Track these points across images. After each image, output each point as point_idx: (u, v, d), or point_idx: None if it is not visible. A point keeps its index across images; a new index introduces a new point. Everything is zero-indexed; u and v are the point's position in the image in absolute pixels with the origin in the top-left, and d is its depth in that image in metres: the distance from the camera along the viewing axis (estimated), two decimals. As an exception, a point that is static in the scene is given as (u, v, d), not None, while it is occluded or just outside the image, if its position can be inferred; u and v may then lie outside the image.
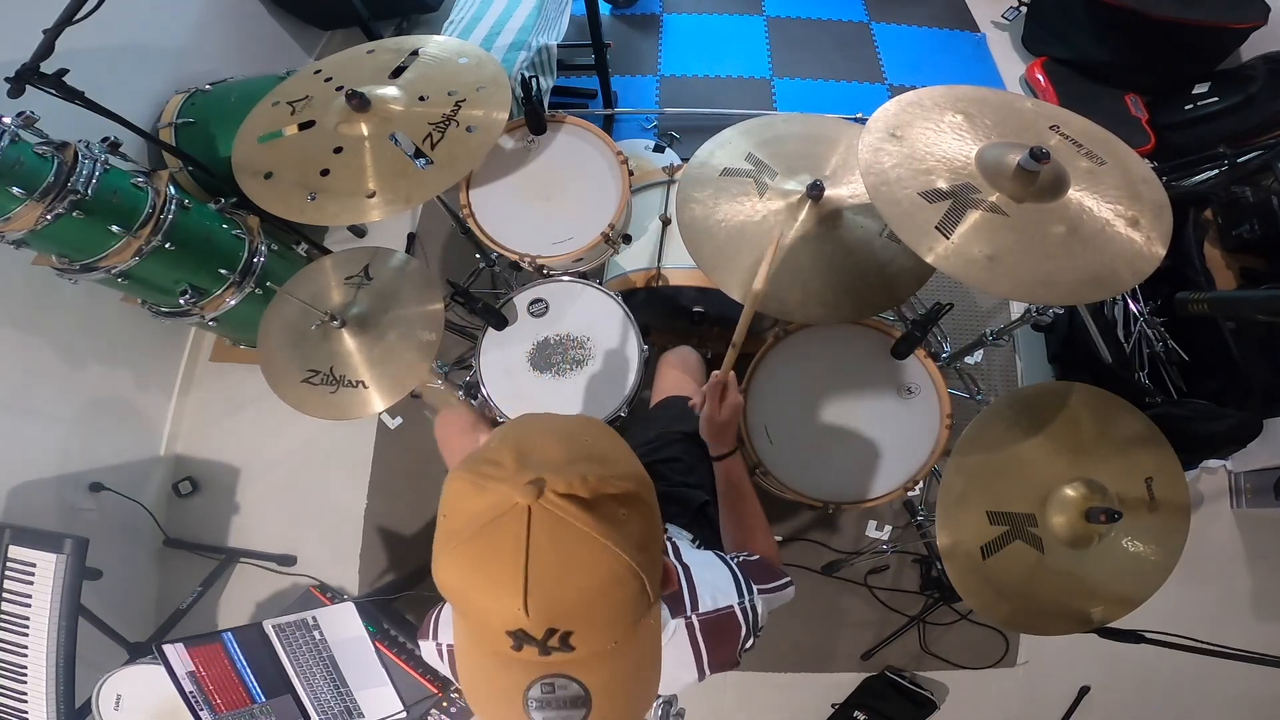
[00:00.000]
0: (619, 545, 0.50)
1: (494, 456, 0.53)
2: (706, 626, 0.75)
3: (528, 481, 0.49)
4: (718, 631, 0.76)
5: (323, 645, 1.37)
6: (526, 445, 0.54)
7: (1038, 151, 0.97)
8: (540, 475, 0.50)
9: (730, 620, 0.77)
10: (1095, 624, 1.06)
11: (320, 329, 1.32)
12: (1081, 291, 0.98)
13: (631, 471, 0.56)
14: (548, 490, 0.49)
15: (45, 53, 1.20)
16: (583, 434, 0.57)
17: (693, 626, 0.75)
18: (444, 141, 1.28)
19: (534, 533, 0.48)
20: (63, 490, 1.76)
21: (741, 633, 0.77)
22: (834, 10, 2.93)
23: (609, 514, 0.51)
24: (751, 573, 0.83)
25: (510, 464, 0.51)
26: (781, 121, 1.39)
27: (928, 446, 1.32)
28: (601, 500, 0.51)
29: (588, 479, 0.50)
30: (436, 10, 2.71)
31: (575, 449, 0.54)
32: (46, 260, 1.49)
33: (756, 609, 0.79)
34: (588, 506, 0.50)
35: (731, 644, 0.77)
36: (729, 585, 0.79)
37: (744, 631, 0.77)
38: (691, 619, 0.75)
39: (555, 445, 0.54)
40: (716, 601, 0.77)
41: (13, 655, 1.38)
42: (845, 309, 1.21)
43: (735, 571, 0.82)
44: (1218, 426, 1.54)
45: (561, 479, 0.50)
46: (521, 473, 0.50)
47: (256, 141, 1.32)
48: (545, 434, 0.56)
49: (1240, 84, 2.20)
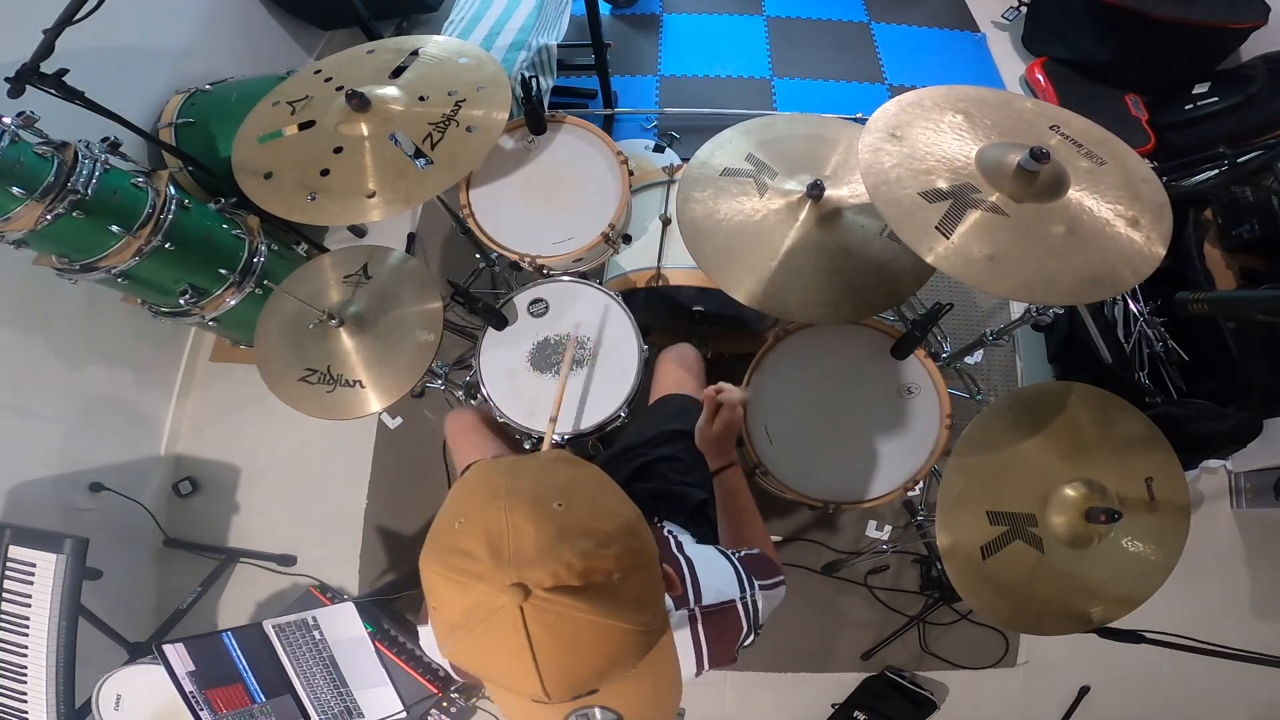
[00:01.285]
0: (620, 618, 0.49)
1: (464, 545, 0.50)
2: (708, 619, 0.75)
3: (511, 584, 0.47)
4: (719, 625, 0.76)
5: (323, 645, 1.37)
6: (495, 529, 0.50)
7: (1038, 151, 0.97)
8: (521, 575, 0.47)
9: (732, 614, 0.77)
10: (1095, 624, 1.06)
11: (318, 328, 1.32)
12: (1081, 291, 0.98)
13: (615, 528, 0.52)
14: (534, 590, 0.47)
15: (45, 53, 1.20)
16: (553, 498, 0.52)
17: (695, 618, 0.75)
18: (444, 141, 1.28)
19: (532, 630, 0.47)
20: (63, 490, 1.75)
21: (742, 629, 0.77)
22: (834, 10, 2.93)
23: (603, 589, 0.49)
24: (752, 567, 0.83)
25: (484, 557, 0.48)
26: (781, 121, 1.39)
27: (928, 446, 1.32)
28: (593, 580, 0.48)
29: (572, 564, 0.48)
30: (436, 10, 2.71)
31: (550, 526, 0.50)
32: (46, 260, 1.49)
33: (757, 604, 0.79)
34: (578, 592, 0.48)
35: (732, 639, 0.77)
36: (731, 579, 0.79)
37: (745, 628, 0.77)
38: (694, 610, 0.75)
39: (527, 525, 0.49)
40: (719, 595, 0.77)
41: (13, 655, 1.38)
42: (845, 309, 1.21)
43: (737, 567, 0.82)
44: (1218, 426, 1.54)
45: (545, 572, 0.47)
46: (499, 570, 0.47)
47: (257, 141, 1.32)
48: (509, 510, 0.50)
49: (1240, 84, 2.20)
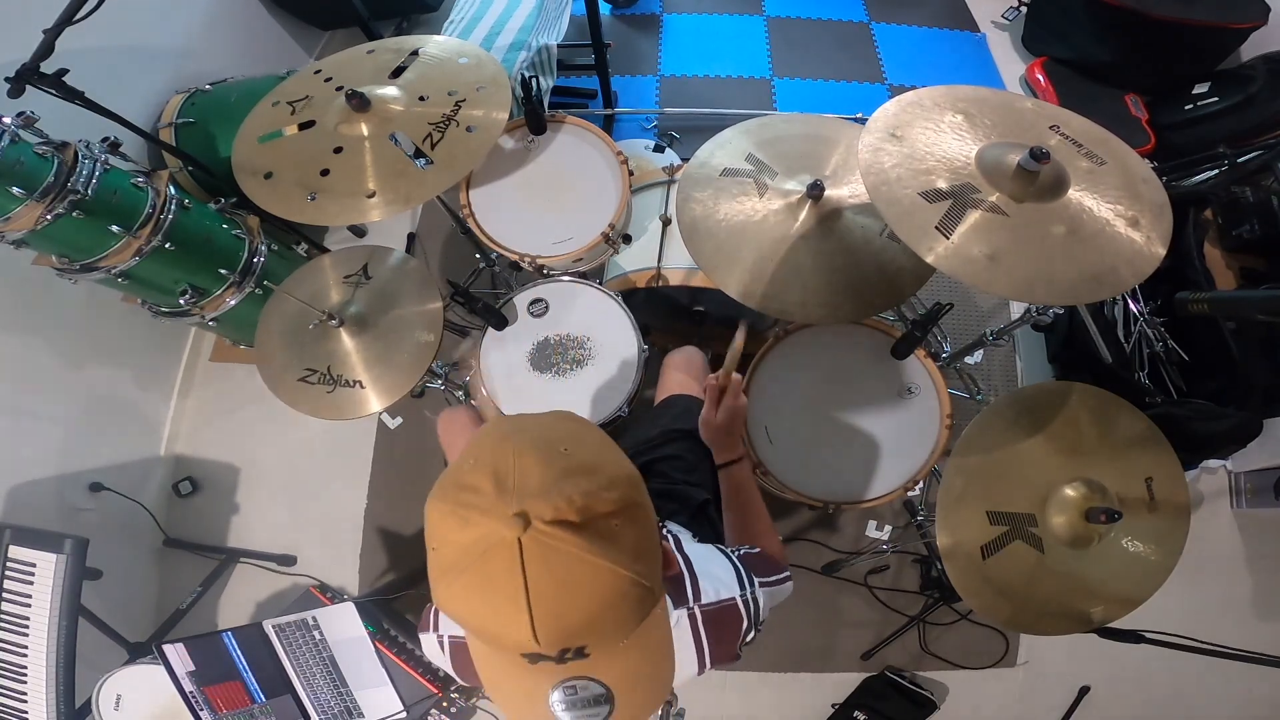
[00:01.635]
0: (616, 562, 0.49)
1: (470, 481, 0.51)
2: (708, 617, 0.75)
3: (513, 514, 0.48)
4: (719, 623, 0.76)
5: (323, 645, 1.37)
6: (503, 467, 0.51)
7: (1038, 151, 0.97)
8: (523, 505, 0.48)
9: (732, 612, 0.77)
10: (1095, 624, 1.06)
11: (318, 328, 1.32)
12: (1081, 291, 0.98)
13: (617, 475, 0.54)
14: (534, 520, 0.48)
15: (45, 53, 1.20)
16: (559, 442, 0.54)
17: (695, 617, 0.75)
18: (444, 141, 1.28)
19: (528, 565, 0.47)
20: (63, 490, 1.76)
21: (743, 625, 0.77)
22: (834, 10, 2.93)
23: (602, 530, 0.50)
24: (752, 565, 0.83)
25: (489, 490, 0.50)
26: (781, 122, 1.39)
27: (928, 446, 1.32)
28: (592, 519, 0.49)
29: (574, 500, 0.49)
30: (436, 10, 2.71)
31: (555, 465, 0.51)
32: (46, 260, 1.49)
33: (758, 601, 0.79)
34: (578, 529, 0.48)
35: (733, 636, 0.77)
36: (730, 577, 0.79)
37: (745, 624, 0.77)
38: (694, 609, 0.75)
39: (533, 464, 0.51)
40: (719, 593, 0.77)
41: (13, 655, 1.38)
42: (845, 309, 1.21)
43: (736, 564, 0.82)
44: (1218, 426, 1.54)
45: (547, 504, 0.48)
46: (503, 501, 0.49)
47: (257, 141, 1.32)
48: (521, 451, 0.52)
49: (1240, 84, 2.20)
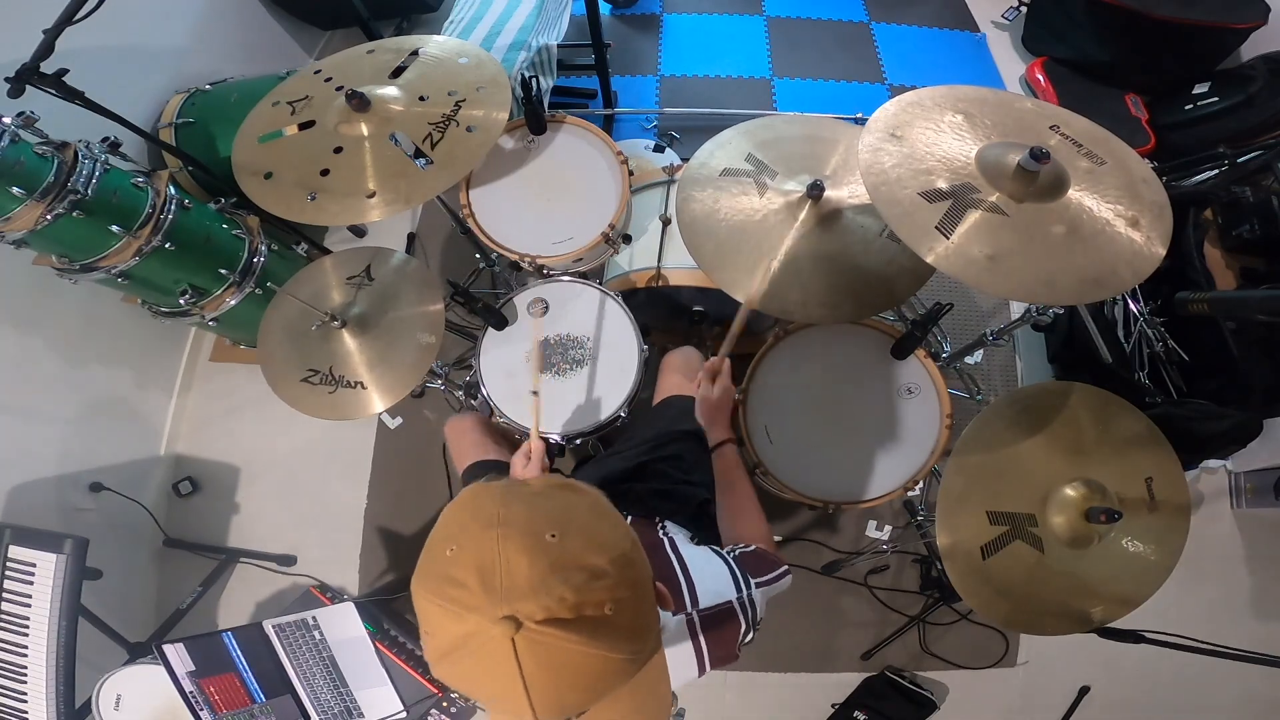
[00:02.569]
0: (612, 649, 0.49)
1: (456, 574, 0.49)
2: (706, 622, 0.75)
3: (502, 616, 0.46)
4: (717, 626, 0.76)
5: (323, 645, 1.37)
6: (487, 561, 0.49)
7: (1038, 151, 0.97)
8: (513, 608, 0.46)
9: (729, 615, 0.77)
10: (1095, 624, 1.06)
11: (320, 329, 1.32)
12: (1081, 291, 0.98)
13: (609, 558, 0.51)
14: (525, 622, 0.46)
15: (45, 53, 1.20)
16: (547, 527, 0.51)
17: (693, 622, 0.75)
18: (444, 141, 1.28)
19: (523, 659, 0.47)
20: (63, 490, 1.76)
21: (741, 627, 0.78)
22: (834, 10, 2.93)
23: (595, 620, 0.48)
24: (748, 565, 0.83)
25: (476, 587, 0.48)
26: (782, 122, 1.39)
27: (928, 446, 1.32)
28: (585, 614, 0.48)
29: (564, 598, 0.47)
30: (436, 10, 2.71)
31: (542, 559, 0.49)
32: (46, 260, 1.49)
33: (754, 602, 0.79)
34: (570, 625, 0.47)
35: (731, 638, 0.77)
36: (726, 580, 0.80)
37: (743, 626, 0.78)
38: (691, 614, 0.75)
39: (520, 558, 0.48)
40: (716, 597, 0.77)
41: (13, 655, 1.38)
42: (845, 309, 1.21)
43: (732, 566, 0.82)
44: (1218, 426, 1.54)
45: (537, 605, 0.47)
46: (491, 602, 0.47)
47: (257, 141, 1.32)
48: (506, 541, 0.50)
49: (1240, 84, 2.20)
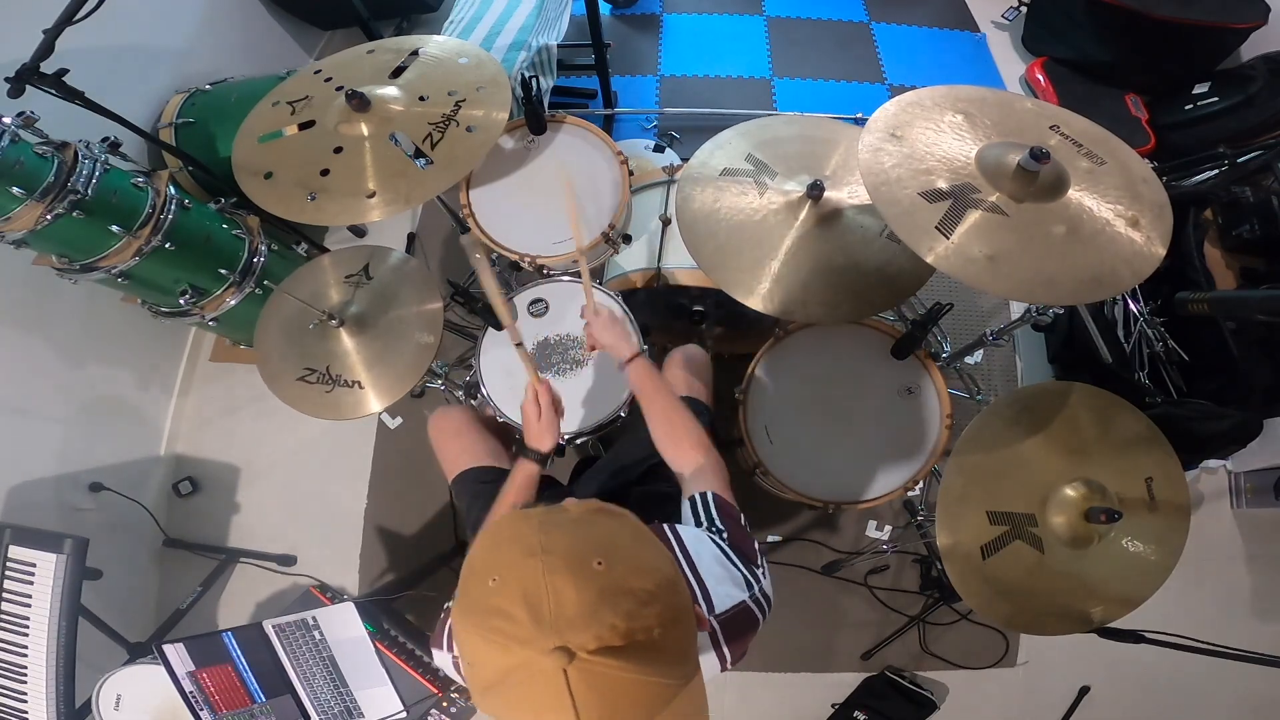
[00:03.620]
0: (663, 675, 0.49)
1: (501, 605, 0.49)
2: (725, 624, 0.75)
3: (554, 648, 0.46)
4: (736, 627, 0.76)
5: (323, 645, 1.37)
6: (533, 590, 0.49)
7: (1038, 151, 0.97)
8: (564, 639, 0.46)
9: (746, 614, 0.77)
10: (1095, 624, 1.06)
11: (318, 328, 1.32)
12: (1081, 291, 0.98)
13: (658, 580, 0.51)
14: (578, 652, 0.46)
15: (45, 53, 1.20)
16: (592, 554, 0.51)
17: (714, 631, 0.74)
18: (444, 141, 1.28)
19: (575, 690, 0.47)
20: (62, 490, 1.75)
21: (758, 621, 0.78)
22: (834, 10, 2.93)
23: (645, 646, 0.48)
24: (743, 550, 0.82)
25: (524, 619, 0.47)
26: (781, 122, 1.39)
27: (928, 446, 1.32)
28: (636, 640, 0.48)
29: (616, 626, 0.47)
30: (436, 10, 2.71)
31: (591, 586, 0.49)
32: (46, 260, 1.49)
33: (766, 593, 0.80)
34: (623, 652, 0.47)
35: (750, 634, 0.77)
36: (739, 581, 0.79)
37: (759, 618, 0.78)
38: (712, 622, 0.75)
39: (568, 587, 0.48)
40: (730, 598, 0.77)
41: (13, 655, 1.38)
42: (845, 309, 1.21)
43: (736, 563, 0.81)
44: (1218, 426, 1.54)
45: (589, 634, 0.47)
46: (541, 633, 0.47)
47: (257, 141, 1.32)
48: (552, 572, 0.49)
49: (1240, 84, 2.20)
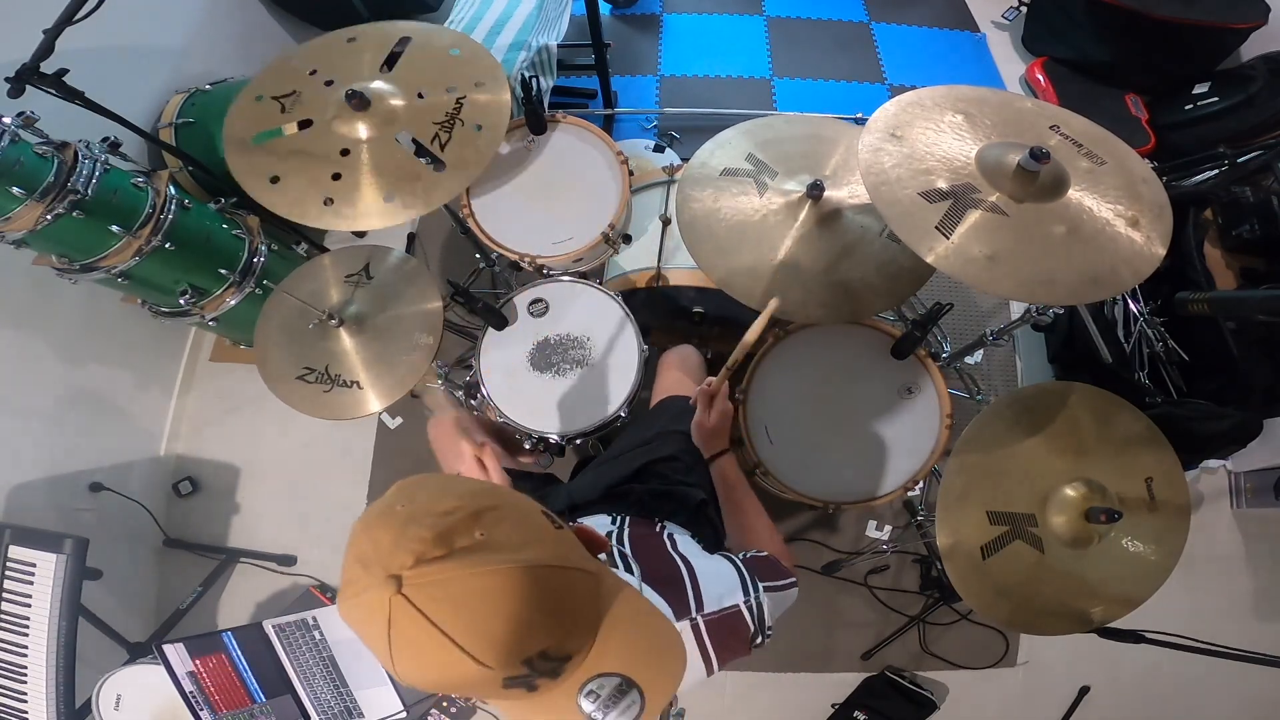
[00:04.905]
0: (500, 561, 0.48)
1: (347, 576, 0.51)
2: (712, 627, 0.74)
3: (384, 578, 0.47)
4: (724, 631, 0.74)
5: (323, 645, 1.37)
6: (361, 550, 0.51)
7: (1038, 151, 0.97)
8: (388, 569, 0.47)
9: (737, 619, 0.75)
10: (1095, 624, 1.06)
11: (318, 327, 1.32)
12: (1081, 291, 0.98)
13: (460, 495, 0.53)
14: (402, 573, 0.47)
15: (45, 53, 1.20)
16: (394, 503, 0.53)
17: (698, 627, 0.73)
18: (453, 142, 1.28)
19: (426, 609, 0.47)
20: (62, 490, 1.75)
21: (749, 631, 0.76)
22: (834, 10, 2.93)
23: (468, 545, 0.49)
24: (757, 569, 0.81)
25: (359, 574, 0.49)
26: (782, 122, 1.39)
27: (928, 446, 1.32)
28: (454, 544, 0.48)
29: (424, 537, 0.48)
30: (436, 10, 2.71)
31: (395, 522, 0.51)
32: (46, 260, 1.49)
33: (763, 606, 0.77)
34: (444, 558, 0.48)
35: (739, 642, 0.75)
36: (734, 582, 0.78)
37: (751, 630, 0.76)
38: (697, 620, 0.73)
39: (381, 532, 0.50)
40: (721, 600, 0.75)
41: (13, 655, 1.38)
42: (845, 309, 1.21)
43: (740, 568, 0.80)
44: (1218, 426, 1.54)
45: (404, 553, 0.48)
46: (371, 575, 0.48)
47: (252, 142, 1.31)
48: (367, 527, 0.52)
49: (1240, 84, 2.20)
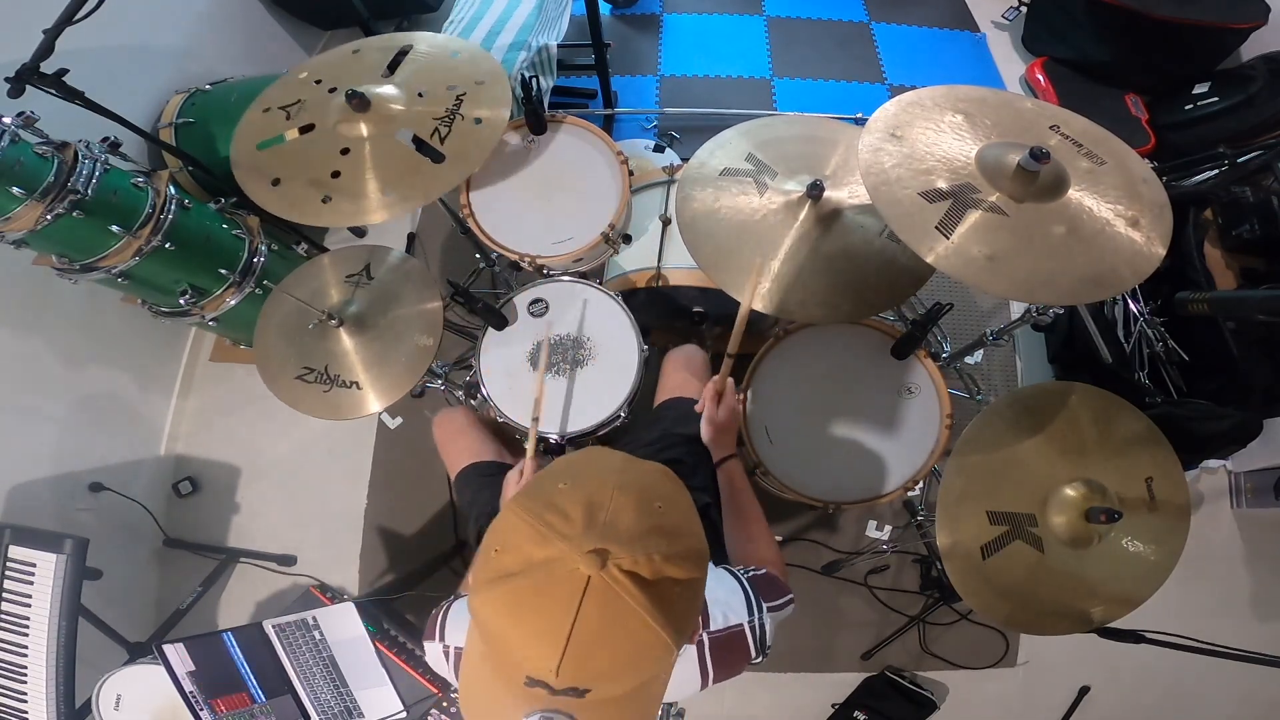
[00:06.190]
0: (664, 626, 0.49)
1: (562, 505, 0.52)
2: (715, 644, 0.75)
3: (592, 549, 0.48)
4: (726, 649, 0.75)
5: (323, 645, 1.37)
6: (598, 501, 0.52)
7: (1038, 151, 0.97)
8: (607, 545, 0.49)
9: (739, 639, 0.76)
10: (1095, 624, 1.06)
11: (318, 327, 1.32)
12: (1081, 291, 0.98)
13: (696, 547, 0.55)
14: (611, 564, 0.48)
15: (45, 53, 1.20)
16: (656, 496, 0.55)
17: (702, 644, 0.74)
18: (452, 135, 1.28)
19: (586, 603, 0.48)
20: (62, 490, 1.75)
21: (750, 652, 0.77)
22: (834, 10, 2.93)
23: (664, 594, 0.50)
24: (760, 589, 0.82)
25: (578, 520, 0.50)
26: (782, 122, 1.39)
27: (928, 446, 1.32)
28: (661, 581, 0.50)
29: (653, 558, 0.49)
30: (437, 10, 2.71)
31: (647, 517, 0.52)
32: (46, 260, 1.49)
33: (765, 627, 0.78)
34: (646, 586, 0.49)
35: (738, 661, 0.76)
36: (740, 603, 0.79)
37: (752, 650, 0.77)
38: (702, 636, 0.74)
39: (628, 508, 0.52)
40: (727, 619, 0.76)
41: (13, 655, 1.38)
42: (845, 309, 1.21)
43: (746, 588, 0.81)
44: (1218, 426, 1.54)
45: (628, 554, 0.49)
46: (588, 536, 0.49)
47: (256, 148, 1.31)
48: (618, 492, 0.53)
49: (1240, 84, 2.20)
